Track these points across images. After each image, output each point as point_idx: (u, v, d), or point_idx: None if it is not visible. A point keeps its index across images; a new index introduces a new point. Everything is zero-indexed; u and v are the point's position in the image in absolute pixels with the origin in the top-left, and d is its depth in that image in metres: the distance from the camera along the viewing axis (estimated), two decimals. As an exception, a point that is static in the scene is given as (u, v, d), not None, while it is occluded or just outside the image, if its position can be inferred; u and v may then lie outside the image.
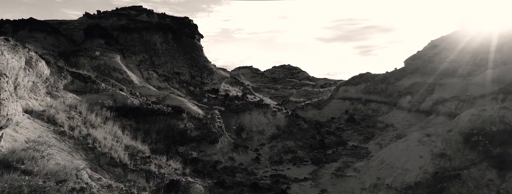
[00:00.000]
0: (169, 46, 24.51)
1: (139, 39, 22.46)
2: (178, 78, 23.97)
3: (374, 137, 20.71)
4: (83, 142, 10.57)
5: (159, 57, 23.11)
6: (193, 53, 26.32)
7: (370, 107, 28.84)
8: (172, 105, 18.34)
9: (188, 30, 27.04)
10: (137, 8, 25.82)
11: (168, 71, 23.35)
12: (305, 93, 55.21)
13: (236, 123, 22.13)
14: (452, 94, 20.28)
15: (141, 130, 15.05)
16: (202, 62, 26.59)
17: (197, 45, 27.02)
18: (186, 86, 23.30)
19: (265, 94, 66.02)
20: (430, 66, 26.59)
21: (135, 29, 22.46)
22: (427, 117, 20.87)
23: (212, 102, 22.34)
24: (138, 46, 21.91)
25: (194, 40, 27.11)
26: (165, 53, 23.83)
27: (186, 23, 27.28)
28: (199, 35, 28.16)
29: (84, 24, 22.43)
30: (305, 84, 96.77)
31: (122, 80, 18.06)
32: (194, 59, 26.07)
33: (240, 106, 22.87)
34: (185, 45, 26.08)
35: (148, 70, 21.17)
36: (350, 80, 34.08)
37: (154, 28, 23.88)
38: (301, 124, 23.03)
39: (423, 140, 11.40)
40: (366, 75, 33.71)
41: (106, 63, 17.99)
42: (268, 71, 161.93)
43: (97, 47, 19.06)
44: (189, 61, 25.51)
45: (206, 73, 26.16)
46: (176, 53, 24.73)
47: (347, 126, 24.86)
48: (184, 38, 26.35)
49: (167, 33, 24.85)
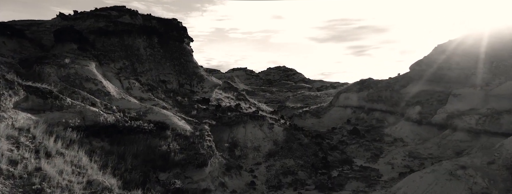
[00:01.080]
0: (155, 51, 22.08)
1: (120, 43, 20.00)
2: (164, 87, 21.55)
3: (382, 153, 18.55)
4: (27, 182, 8.16)
5: (143, 63, 20.68)
6: (182, 59, 23.93)
7: (374, 116, 26.75)
8: (155, 121, 15.94)
9: (176, 33, 24.64)
10: (119, 8, 23.34)
11: (152, 79, 20.92)
12: (302, 98, 53.08)
13: (229, 138, 19.80)
14: (469, 106, 18.26)
15: (115, 153, 12.62)
16: (191, 68, 24.21)
17: (186, 49, 24.63)
18: (173, 96, 20.90)
19: (260, 99, 63.79)
20: (439, 73, 24.61)
21: (115, 32, 19.99)
22: (441, 131, 18.81)
23: (202, 114, 19.97)
24: (118, 51, 19.46)
25: (183, 44, 24.72)
26: (150, 59, 21.40)
27: (174, 25, 24.87)
28: (188, 38, 25.78)
29: (57, 26, 19.89)
30: (301, 87, 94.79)
31: (96, 93, 15.60)
32: (182, 65, 23.68)
33: (233, 118, 20.55)
34: (173, 49, 23.67)
35: (129, 79, 18.72)
36: (351, 87, 31.99)
37: (137, 31, 21.44)
38: (301, 138, 20.80)
39: (457, 173, 9.27)
40: (368, 82, 31.66)
41: (78, 73, 15.52)
42: (263, 73, 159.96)
43: (68, 53, 16.57)
44: (177, 68, 23.11)
45: (196, 81, 23.79)
46: (162, 59, 22.31)
47: (350, 139, 22.70)
48: (172, 42, 23.95)
49: (152, 37, 22.41)
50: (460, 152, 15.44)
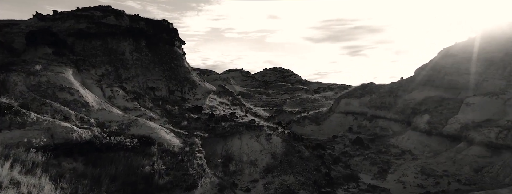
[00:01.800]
0: (142, 56, 20.28)
1: (102, 47, 18.17)
2: (152, 95, 19.76)
3: (390, 168, 16.96)
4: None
5: (128, 69, 18.87)
6: (172, 63, 22.16)
7: (377, 124, 25.21)
8: (139, 135, 14.18)
9: (166, 36, 22.85)
10: (103, 8, 21.50)
11: (139, 86, 19.12)
12: (300, 102, 51.53)
13: (223, 151, 18.07)
14: (484, 116, 16.76)
15: (88, 176, 10.87)
16: (183, 73, 22.44)
17: (177, 53, 22.85)
18: (162, 104, 19.13)
19: (257, 102, 62.09)
20: (446, 79, 23.15)
21: (97, 35, 18.16)
22: (453, 143, 17.29)
23: (194, 125, 18.23)
24: (100, 56, 17.63)
25: (174, 47, 22.94)
26: (136, 64, 19.59)
27: (164, 27, 23.08)
28: (179, 41, 24.01)
29: (33, 27, 18.01)
30: (297, 89, 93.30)
31: (72, 103, 13.79)
32: (173, 70, 21.91)
33: (228, 129, 18.81)
34: (163, 53, 21.89)
35: (112, 87, 16.91)
36: (352, 92, 30.45)
37: (123, 33, 19.63)
38: (302, 150, 19.16)
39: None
40: (370, 86, 30.15)
41: (50, 81, 13.69)
42: (259, 74, 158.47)
43: (40, 58, 14.74)
44: (166, 73, 21.33)
45: (187, 87, 22.04)
46: (150, 64, 20.52)
47: (354, 150, 21.09)
48: (162, 45, 22.16)
49: (139, 40, 20.61)
50: (479, 169, 13.95)
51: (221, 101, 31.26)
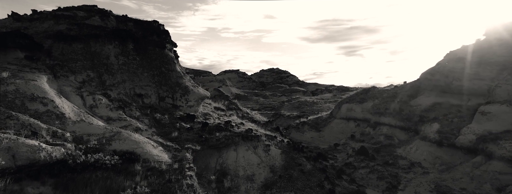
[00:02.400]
0: (129, 60, 18.67)
1: (84, 50, 16.53)
2: (141, 102, 18.15)
3: (400, 184, 15.52)
4: None
5: (113, 75, 17.25)
6: (163, 68, 20.57)
7: (381, 131, 23.80)
8: (122, 150, 12.58)
9: (156, 38, 21.26)
10: (88, 8, 19.86)
11: (125, 93, 17.50)
12: (298, 105, 50.10)
13: (216, 165, 16.52)
14: (503, 127, 15.40)
15: (58, 204, 9.32)
16: (174, 78, 20.85)
17: (168, 57, 21.27)
18: (150, 113, 17.53)
19: (253, 104, 60.56)
20: (455, 85, 21.81)
21: (78, 37, 16.52)
22: (468, 156, 15.90)
23: (185, 136, 16.65)
24: (81, 60, 16.00)
25: (165, 50, 21.35)
26: (123, 69, 17.98)
27: (154, 28, 21.49)
28: (171, 44, 22.43)
29: (8, 28, 16.32)
30: (295, 91, 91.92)
31: (44, 115, 12.16)
32: (164, 75, 20.32)
33: (222, 140, 17.27)
34: (152, 57, 20.29)
35: (94, 95, 15.29)
36: (354, 97, 29.04)
37: (108, 35, 18.00)
38: (303, 162, 17.67)
39: None
40: (373, 91, 28.76)
41: (19, 90, 12.06)
42: (256, 75, 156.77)
43: (10, 64, 13.09)
44: (156, 79, 19.74)
45: (179, 93, 20.46)
46: (138, 69, 18.91)
47: (358, 160, 19.64)
48: (151, 48, 20.56)
49: (126, 43, 19.00)
50: (501, 188, 12.59)
51: (216, 106, 29.73)
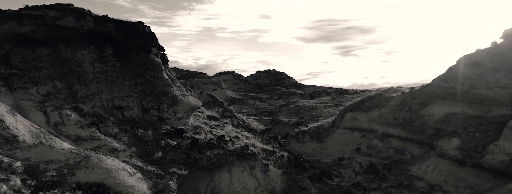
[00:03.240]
0: (108, 67, 16.30)
1: (52, 57, 14.14)
2: (120, 116, 15.78)
3: (421, 212, 13.32)
4: None
5: (87, 85, 14.87)
6: (148, 75, 18.21)
7: (391, 144, 21.68)
8: (88, 182, 10.25)
9: (141, 42, 18.91)
10: (62, 7, 17.44)
11: (101, 106, 15.12)
12: (296, 110, 47.94)
13: (207, 190, 14.21)
14: (538, 147, 13.32)
15: None
16: (161, 87, 18.50)
17: (154, 62, 18.92)
18: (131, 129, 15.18)
19: (250, 109, 58.27)
20: (473, 93, 19.76)
21: (45, 41, 14.14)
22: (498, 179, 13.80)
23: (171, 156, 14.32)
24: (47, 69, 13.61)
25: (150, 55, 19.00)
26: (99, 77, 15.60)
27: (138, 31, 19.13)
28: (158, 48, 20.08)
29: (-39, 33, 13.87)
30: (292, 93, 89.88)
31: (-10, 140, 9.77)
32: (148, 83, 17.97)
33: (214, 160, 14.97)
34: (136, 63, 17.94)
35: (61, 110, 12.91)
36: (358, 105, 26.90)
37: (82, 39, 15.63)
38: (306, 186, 15.42)
39: None
40: (378, 98, 26.66)
41: (-42, 110, 9.65)
42: (252, 76, 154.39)
43: (-49, 76, 10.67)
44: (140, 88, 17.38)
45: (166, 104, 18.11)
46: (119, 77, 16.55)
47: (368, 180, 17.46)
48: (135, 53, 18.20)
49: (105, 47, 16.63)
50: (548, 226, 10.55)
51: (210, 114, 27.38)
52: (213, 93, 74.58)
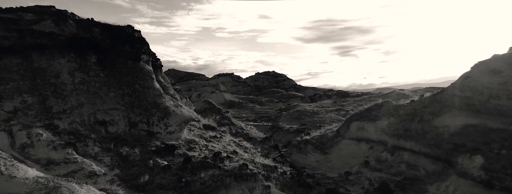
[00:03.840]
0: (90, 77, 14.57)
1: (22, 67, 12.42)
2: (103, 132, 14.04)
3: None
4: None
5: (65, 98, 13.14)
6: (136, 85, 16.48)
7: (402, 158, 19.97)
8: (55, 221, 8.53)
9: (129, 48, 17.20)
10: (41, 9, 15.72)
11: (81, 121, 13.39)
12: (297, 115, 46.18)
13: (200, 219, 12.50)
14: None
15: None
16: (151, 98, 16.78)
17: (144, 71, 17.20)
18: (115, 147, 13.43)
19: (249, 113, 56.51)
20: (493, 104, 18.08)
21: (15, 49, 12.40)
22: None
23: (159, 180, 12.59)
24: (15, 81, 11.89)
25: (140, 63, 17.28)
26: (80, 89, 13.87)
27: (126, 36, 17.44)
28: (148, 54, 18.36)
29: None
30: (292, 96, 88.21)
31: None
32: (137, 94, 16.24)
33: (209, 183, 13.23)
34: (123, 72, 16.21)
35: (30, 129, 11.17)
36: (365, 113, 25.20)
37: (60, 45, 13.91)
38: (314, 212, 13.77)
39: None
40: (386, 106, 24.97)
41: None
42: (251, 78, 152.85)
43: None
44: (127, 99, 15.65)
45: (157, 116, 16.39)
46: (102, 88, 14.81)
47: (380, 201, 15.71)
48: (122, 60, 16.49)
49: (87, 54, 14.91)
50: None
51: (206, 123, 25.71)
52: (211, 97, 72.89)
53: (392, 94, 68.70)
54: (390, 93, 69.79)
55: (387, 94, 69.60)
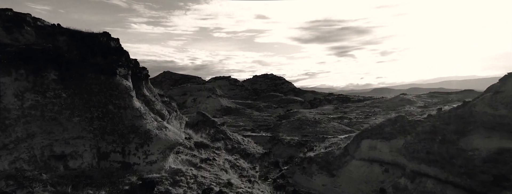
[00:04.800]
0: (47, 99, 11.64)
1: None
2: (62, 169, 11.12)
3: None
4: None
5: (8, 128, 10.22)
6: (110, 105, 13.57)
7: (425, 187, 17.18)
8: None
9: (102, 60, 14.30)
10: (-10, 15, 12.76)
11: (31, 157, 10.46)
12: (298, 125, 43.37)
13: None
14: None
15: None
16: (129, 120, 13.87)
17: (120, 87, 14.28)
18: (76, 188, 10.49)
19: (246, 120, 53.57)
20: (534, 125, 15.33)
21: None
22: None
23: (128, 237, 9.68)
24: None
25: (115, 78, 14.37)
26: (31, 115, 10.94)
27: (99, 45, 14.52)
28: (127, 67, 15.44)
29: None
30: (291, 101, 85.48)
31: None
32: (111, 117, 13.33)
33: (194, 237, 10.37)
34: (93, 90, 13.29)
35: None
36: (377, 130, 22.39)
37: (9, 60, 10.96)
38: None
39: None
40: (401, 122, 22.20)
41: None
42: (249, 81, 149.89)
43: None
44: (97, 124, 12.73)
45: (135, 143, 13.48)
46: (64, 112, 11.89)
47: None
48: (93, 76, 13.58)
49: (44, 70, 11.99)
50: None
51: (198, 140, 22.93)
52: (206, 102, 69.80)
53: (396, 100, 66.12)
54: (394, 99, 67.15)
55: (390, 99, 66.99)
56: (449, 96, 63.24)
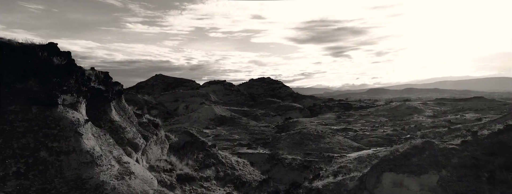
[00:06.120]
0: None
1: None
2: None
3: None
4: None
5: None
6: (44, 151, 9.43)
7: None
8: None
9: (36, 85, 10.11)
10: None
11: None
12: (300, 139, 39.32)
13: None
14: None
15: None
16: (73, 168, 9.73)
17: (64, 122, 10.11)
18: None
19: (242, 132, 49.34)
20: None
21: None
22: None
23: None
24: None
25: (57, 108, 10.19)
26: None
27: (35, 63, 10.32)
28: (77, 92, 11.23)
29: None
30: (290, 108, 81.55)
31: None
32: (44, 168, 9.14)
33: None
34: (16, 130, 9.12)
35: None
36: (401, 160, 18.33)
37: None
38: None
39: None
40: (430, 150, 18.22)
41: None
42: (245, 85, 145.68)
43: None
44: (16, 183, 8.52)
45: (79, 207, 9.25)
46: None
47: None
48: (18, 108, 9.39)
49: None
50: None
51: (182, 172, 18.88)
52: (200, 110, 65.41)
53: (401, 108, 62.37)
54: (399, 107, 63.41)
55: (395, 107, 63.28)
56: (458, 104, 59.72)
